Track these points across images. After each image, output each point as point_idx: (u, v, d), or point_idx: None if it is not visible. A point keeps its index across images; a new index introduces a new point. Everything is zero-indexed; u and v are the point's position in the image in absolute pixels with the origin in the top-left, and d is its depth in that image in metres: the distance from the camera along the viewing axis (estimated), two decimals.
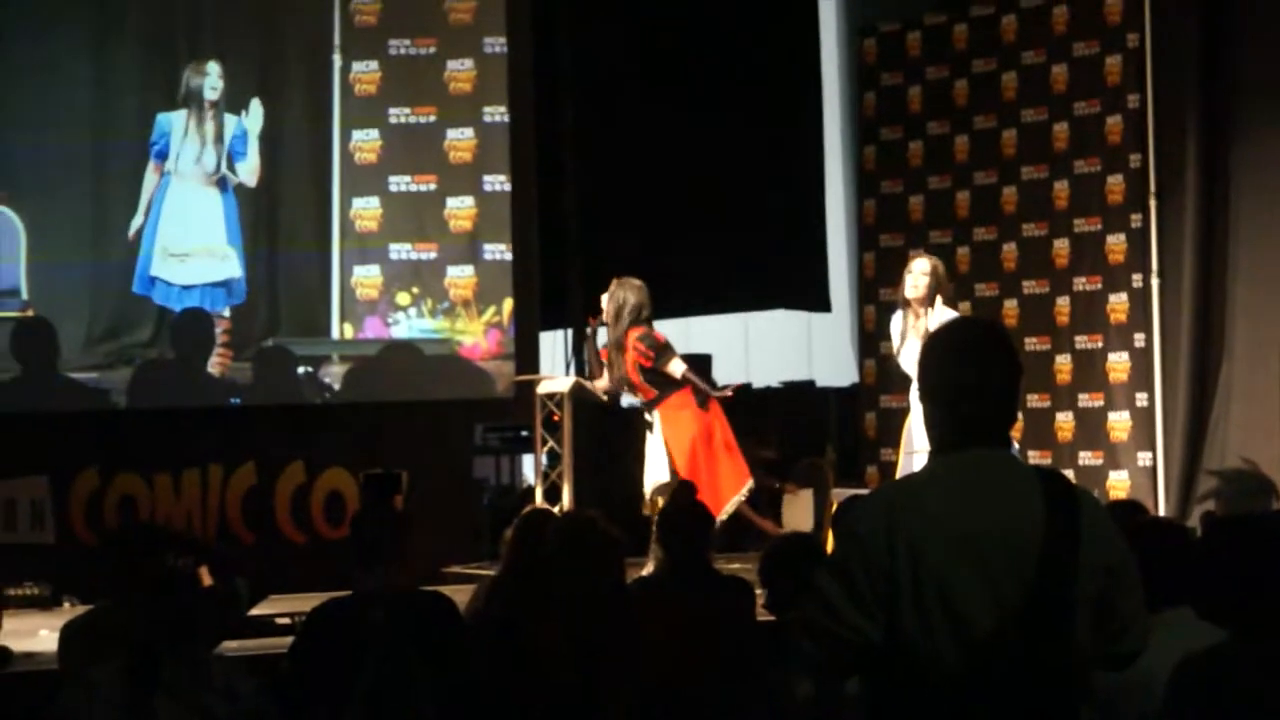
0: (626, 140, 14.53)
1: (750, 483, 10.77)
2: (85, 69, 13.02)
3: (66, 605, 10.85)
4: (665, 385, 10.62)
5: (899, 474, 10.17)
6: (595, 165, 14.59)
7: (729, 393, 10.85)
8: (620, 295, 10.71)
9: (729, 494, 10.57)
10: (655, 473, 10.63)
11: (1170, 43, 12.59)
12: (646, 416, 10.81)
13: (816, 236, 15.61)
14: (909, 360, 10.01)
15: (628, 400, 12.11)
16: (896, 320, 10.38)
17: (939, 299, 10.11)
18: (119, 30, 13.11)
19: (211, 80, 12.87)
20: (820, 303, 15.78)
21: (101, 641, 6.05)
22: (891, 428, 11.75)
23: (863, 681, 3.79)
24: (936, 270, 10.23)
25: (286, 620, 8.93)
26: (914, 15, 14.40)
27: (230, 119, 12.88)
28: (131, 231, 12.73)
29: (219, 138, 12.87)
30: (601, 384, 11.03)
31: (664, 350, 10.60)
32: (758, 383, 15.52)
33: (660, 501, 10.27)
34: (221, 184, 12.89)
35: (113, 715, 5.36)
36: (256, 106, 12.85)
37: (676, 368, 10.58)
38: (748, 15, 15.07)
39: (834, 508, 10.53)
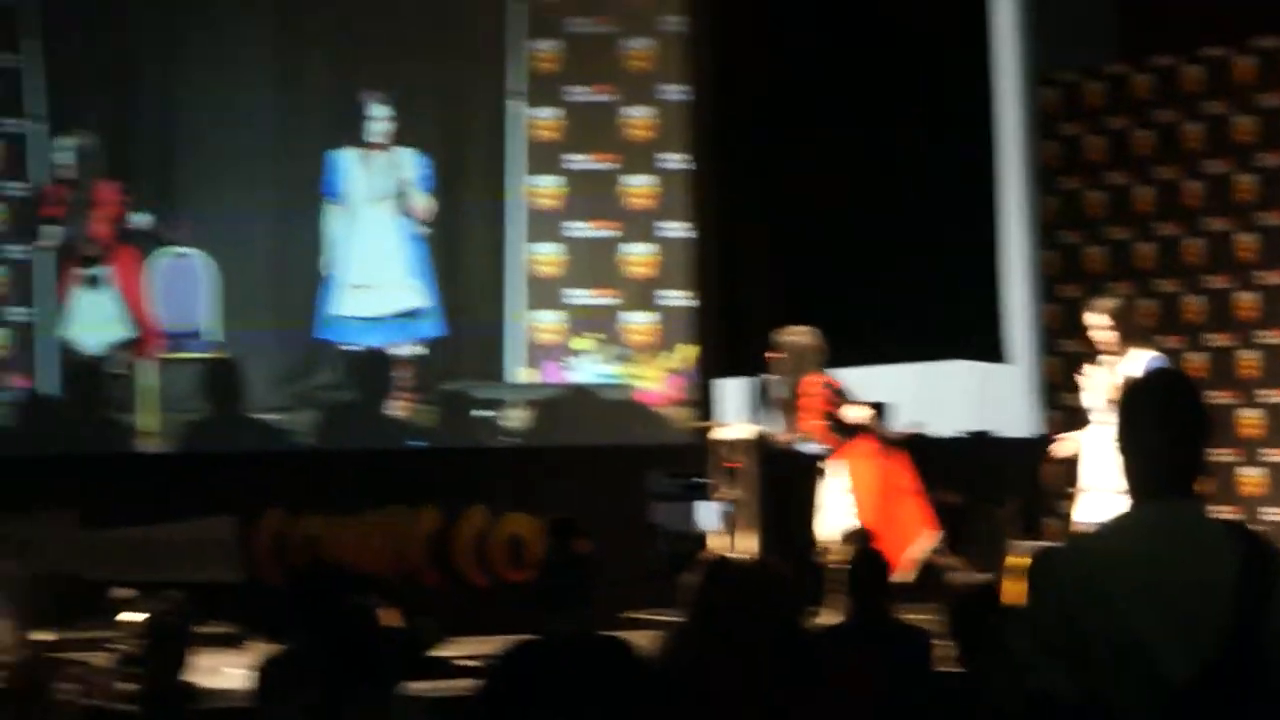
0: (805, 191, 14.51)
1: (939, 533, 10.72)
2: (267, 111, 13.29)
3: (251, 644, 10.98)
4: (846, 432, 10.62)
5: (1075, 511, 10.09)
6: (776, 213, 14.59)
7: (910, 433, 10.81)
8: (798, 344, 10.73)
9: (914, 539, 10.55)
10: (834, 520, 10.62)
11: None
12: (822, 464, 10.80)
13: (994, 287, 15.51)
14: (1091, 402, 9.93)
15: (808, 447, 12.09)
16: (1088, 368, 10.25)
17: (1130, 343, 9.91)
18: (299, 71, 13.37)
19: (384, 118, 13.05)
20: (998, 354, 15.67)
21: (287, 681, 6.14)
22: (1073, 479, 11.63)
23: None
24: (1114, 316, 10.03)
25: (469, 662, 8.99)
26: (1094, 64, 14.31)
27: (405, 154, 13.05)
28: (319, 269, 12.95)
29: (393, 174, 13.03)
30: (782, 433, 11.04)
31: (846, 394, 10.63)
32: (930, 433, 15.43)
33: (836, 549, 10.28)
34: (399, 219, 13.05)
35: None
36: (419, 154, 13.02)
37: (861, 412, 10.60)
38: (923, 64, 15.03)
39: (1008, 560, 10.46)
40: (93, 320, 13.22)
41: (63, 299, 13.20)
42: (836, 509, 10.61)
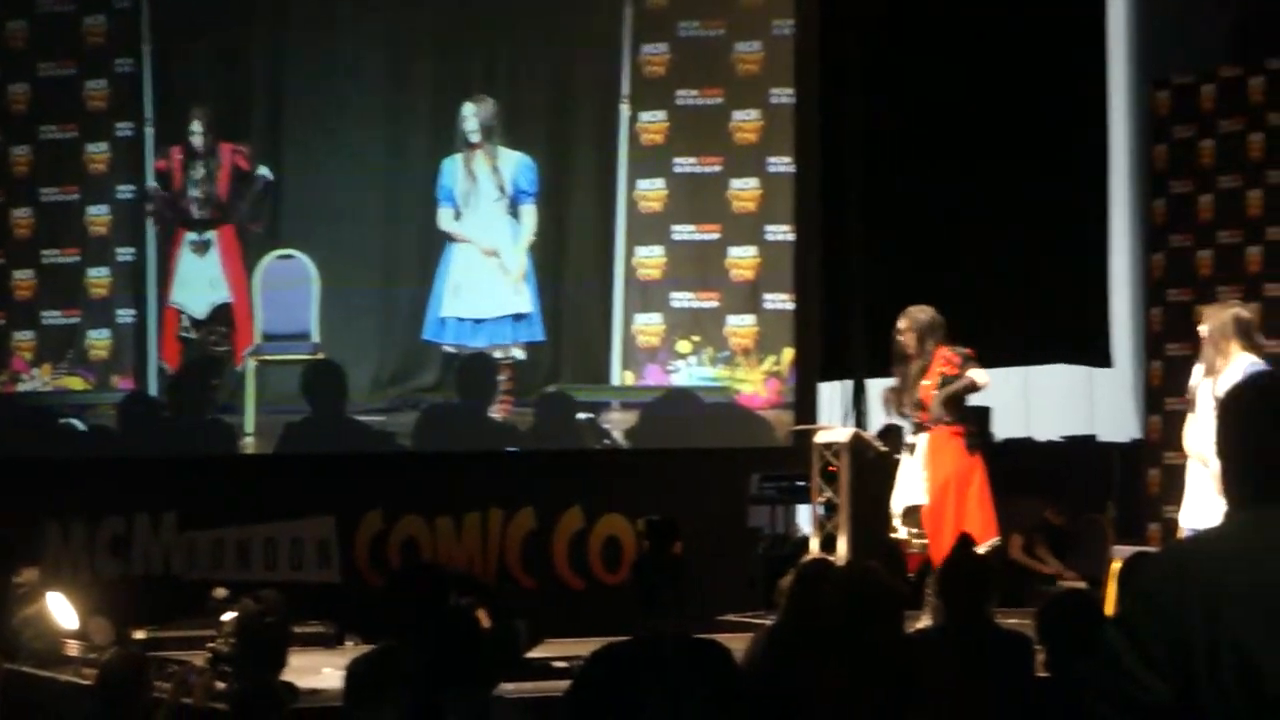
0: (910, 192, 14.44)
1: (996, 540, 10.68)
2: (376, 113, 13.37)
3: (350, 644, 11.00)
4: (946, 412, 10.58)
5: (1180, 517, 9.96)
6: (879, 217, 14.52)
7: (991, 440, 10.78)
8: (921, 319, 10.71)
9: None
10: (907, 495, 10.59)
11: None
12: (910, 439, 10.75)
13: (1100, 290, 15.38)
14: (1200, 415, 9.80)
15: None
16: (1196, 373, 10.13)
17: (1234, 348, 9.79)
18: (409, 73, 13.44)
19: (488, 116, 13.09)
20: (1103, 357, 15.54)
21: (385, 681, 6.13)
22: (1175, 484, 11.50)
23: None
24: (1223, 324, 9.90)
25: (564, 664, 8.97)
26: (1207, 67, 14.16)
27: (512, 157, 13.08)
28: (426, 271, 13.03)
29: (500, 177, 13.07)
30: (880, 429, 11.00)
31: (971, 360, 10.63)
32: (1038, 437, 15.33)
33: (901, 523, 10.32)
34: (506, 221, 13.09)
35: None
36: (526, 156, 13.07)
37: (981, 376, 10.60)
38: (1036, 65, 14.92)
39: (1113, 565, 10.35)
40: (198, 284, 13.39)
41: (170, 263, 13.38)
42: (911, 484, 10.58)
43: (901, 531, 10.74)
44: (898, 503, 10.72)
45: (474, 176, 13.11)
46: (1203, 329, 9.99)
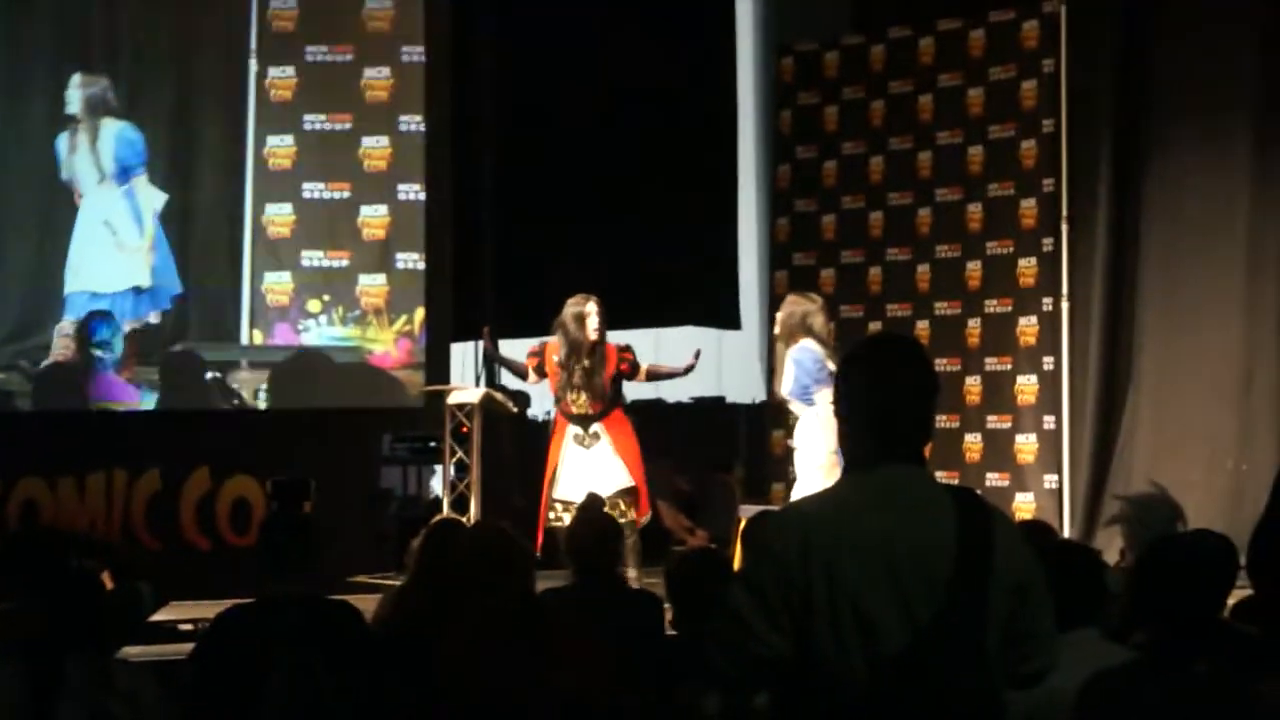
0: (542, 152, 14.49)
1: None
2: None
3: None
4: (615, 399, 10.74)
5: (798, 486, 10.22)
6: (511, 175, 14.54)
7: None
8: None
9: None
10: (613, 480, 10.62)
11: (1085, 69, 12.70)
12: (588, 429, 10.77)
13: (730, 253, 15.62)
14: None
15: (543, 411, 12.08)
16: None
17: (800, 339, 10.26)
18: (23, 39, 13.01)
19: (95, 91, 12.79)
20: (731, 320, 15.78)
21: (2, 644, 5.97)
22: None
23: (772, 696, 3.78)
24: (791, 316, 10.41)
25: (190, 626, 8.85)
26: (831, 36, 14.45)
27: (111, 128, 12.78)
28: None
29: (97, 150, 12.76)
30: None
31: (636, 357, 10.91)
32: (668, 398, 15.51)
33: (622, 506, 10.40)
34: (125, 191, 12.80)
35: (13, 719, 5.29)
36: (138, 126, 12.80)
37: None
38: (664, 31, 15.07)
39: (741, 524, 10.54)
40: None
41: None
42: (612, 470, 10.65)
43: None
44: (610, 488, 10.69)
45: (79, 152, 12.77)
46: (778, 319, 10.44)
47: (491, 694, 5.53)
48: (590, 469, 10.69)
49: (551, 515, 10.63)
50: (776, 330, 10.59)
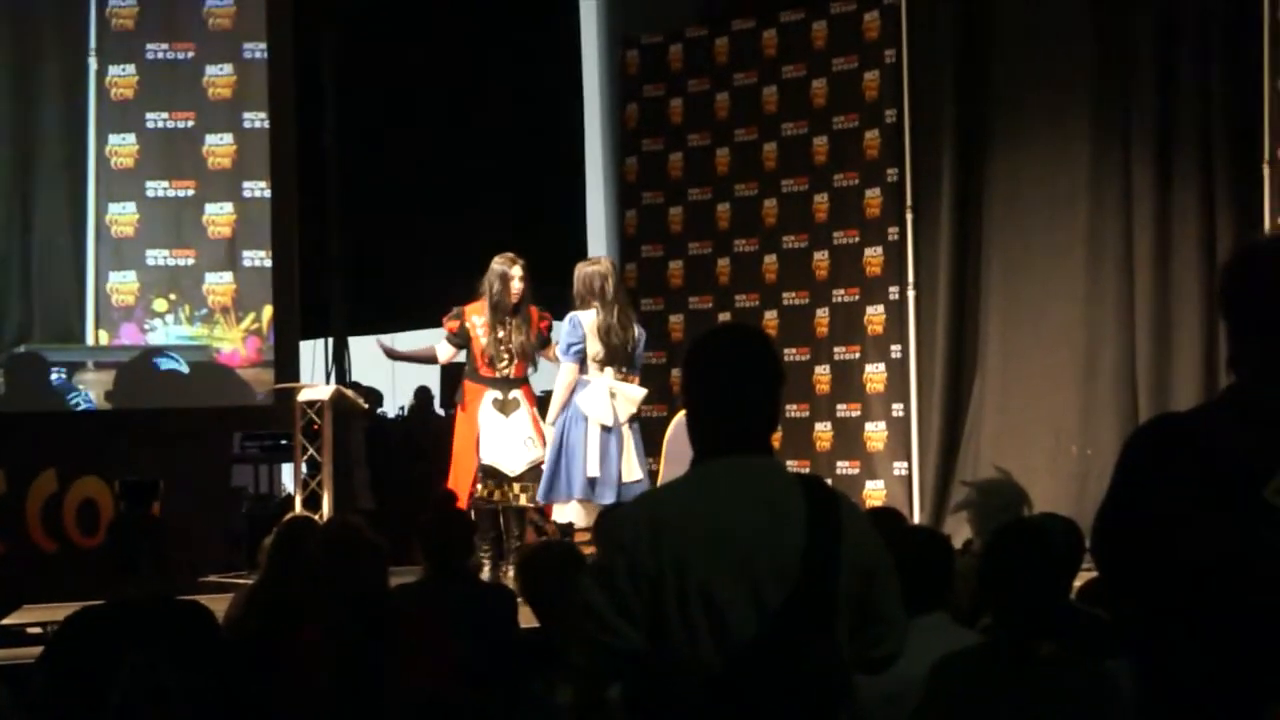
0: (388, 147, 14.45)
1: None
2: None
3: None
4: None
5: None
6: (357, 171, 14.49)
7: None
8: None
9: None
10: (529, 454, 10.60)
11: (926, 59, 12.82)
12: (508, 394, 10.75)
13: (578, 246, 15.64)
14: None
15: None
16: None
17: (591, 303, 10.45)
18: None
19: None
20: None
21: None
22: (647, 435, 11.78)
23: (625, 688, 3.79)
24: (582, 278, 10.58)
25: (38, 630, 8.76)
26: (676, 28, 14.49)
27: None
28: None
29: None
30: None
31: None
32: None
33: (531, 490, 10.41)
34: None
35: None
36: None
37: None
38: (509, 24, 15.07)
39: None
40: None
41: None
42: (527, 443, 10.65)
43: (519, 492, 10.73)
44: (522, 462, 10.66)
45: None
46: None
47: (342, 690, 5.52)
48: (509, 436, 10.68)
49: (480, 488, 10.63)
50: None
